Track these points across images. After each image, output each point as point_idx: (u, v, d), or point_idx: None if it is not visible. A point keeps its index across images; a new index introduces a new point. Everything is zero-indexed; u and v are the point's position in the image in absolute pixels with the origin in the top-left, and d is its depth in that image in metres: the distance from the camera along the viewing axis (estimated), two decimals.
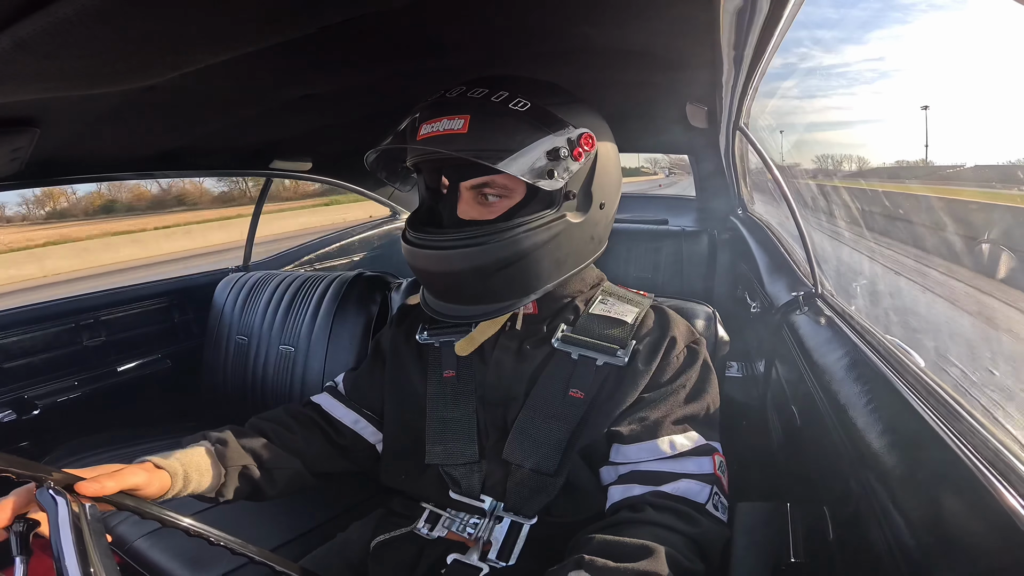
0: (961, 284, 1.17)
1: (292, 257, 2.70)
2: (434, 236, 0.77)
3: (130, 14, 0.59)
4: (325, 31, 0.83)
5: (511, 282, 0.77)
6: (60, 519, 0.55)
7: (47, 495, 0.57)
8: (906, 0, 1.61)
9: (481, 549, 0.77)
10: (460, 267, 0.75)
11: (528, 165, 0.72)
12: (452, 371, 0.88)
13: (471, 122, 0.72)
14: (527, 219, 0.75)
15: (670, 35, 1.04)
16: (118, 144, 1.40)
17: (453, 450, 0.83)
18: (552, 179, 0.73)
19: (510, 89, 0.75)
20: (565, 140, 0.74)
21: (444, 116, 0.74)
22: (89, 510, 0.59)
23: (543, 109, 0.75)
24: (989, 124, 1.03)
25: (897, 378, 0.72)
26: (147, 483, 0.69)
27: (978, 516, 0.46)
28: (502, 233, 0.74)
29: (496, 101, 0.74)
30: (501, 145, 0.71)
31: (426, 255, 0.77)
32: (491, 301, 0.79)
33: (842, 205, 1.58)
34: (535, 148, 0.72)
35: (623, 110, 1.78)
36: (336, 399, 0.97)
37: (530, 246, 0.75)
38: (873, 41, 2.44)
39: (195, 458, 0.77)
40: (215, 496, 0.80)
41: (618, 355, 0.80)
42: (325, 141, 1.88)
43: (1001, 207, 1.03)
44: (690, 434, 0.75)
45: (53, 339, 1.76)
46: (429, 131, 0.74)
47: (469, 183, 0.78)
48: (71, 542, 0.54)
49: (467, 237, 0.74)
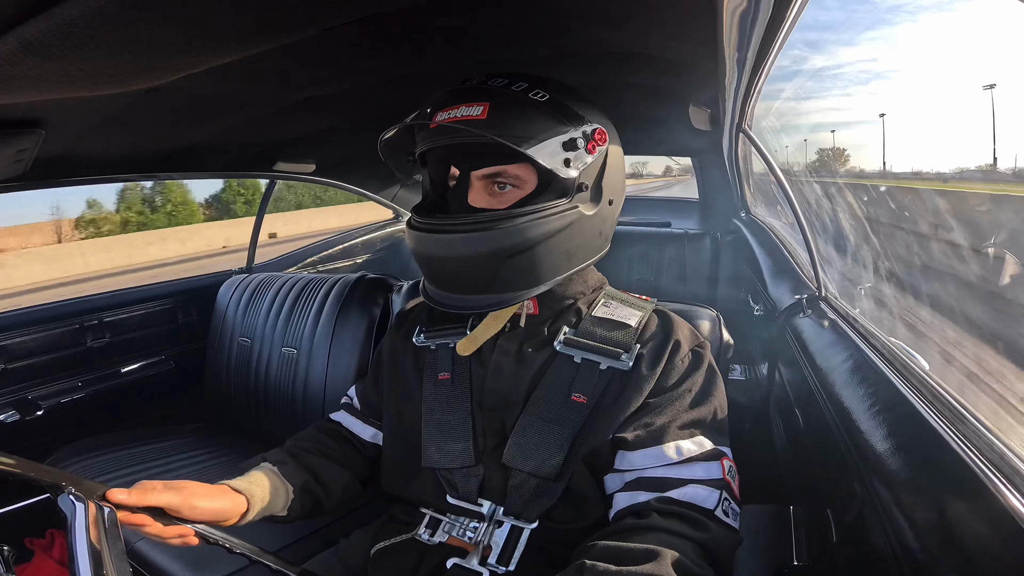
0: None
1: (295, 260, 2.71)
2: (444, 221, 0.75)
3: (135, 16, 0.60)
4: (328, 33, 0.84)
5: (520, 271, 0.75)
6: (78, 524, 0.57)
7: (68, 500, 0.59)
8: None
9: (481, 554, 0.76)
10: (472, 251, 0.73)
11: (546, 152, 0.71)
12: (447, 373, 0.86)
13: (491, 109, 0.71)
14: (541, 206, 0.74)
15: (672, 37, 1.04)
16: (123, 145, 1.41)
17: (448, 453, 0.82)
18: (568, 168, 0.73)
19: (529, 81, 0.75)
20: (581, 132, 0.74)
21: (462, 103, 0.73)
22: (108, 516, 0.60)
23: (561, 102, 0.75)
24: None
25: (901, 381, 0.72)
26: (232, 510, 0.74)
27: (982, 519, 0.46)
28: (515, 219, 0.72)
29: (516, 90, 0.74)
30: (521, 132, 0.71)
31: (435, 240, 0.75)
32: (499, 291, 0.76)
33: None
34: (554, 137, 0.72)
35: (626, 113, 1.78)
36: (353, 416, 0.98)
37: (542, 234, 0.73)
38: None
39: (264, 480, 0.80)
40: (286, 514, 0.82)
41: (622, 359, 0.79)
42: (329, 143, 1.89)
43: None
44: (697, 439, 0.73)
45: (57, 340, 1.77)
46: (445, 118, 0.73)
47: (481, 172, 0.77)
48: (86, 547, 0.55)
49: (480, 221, 0.73)
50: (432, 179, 0.85)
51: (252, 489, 0.77)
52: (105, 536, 0.57)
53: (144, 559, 1.14)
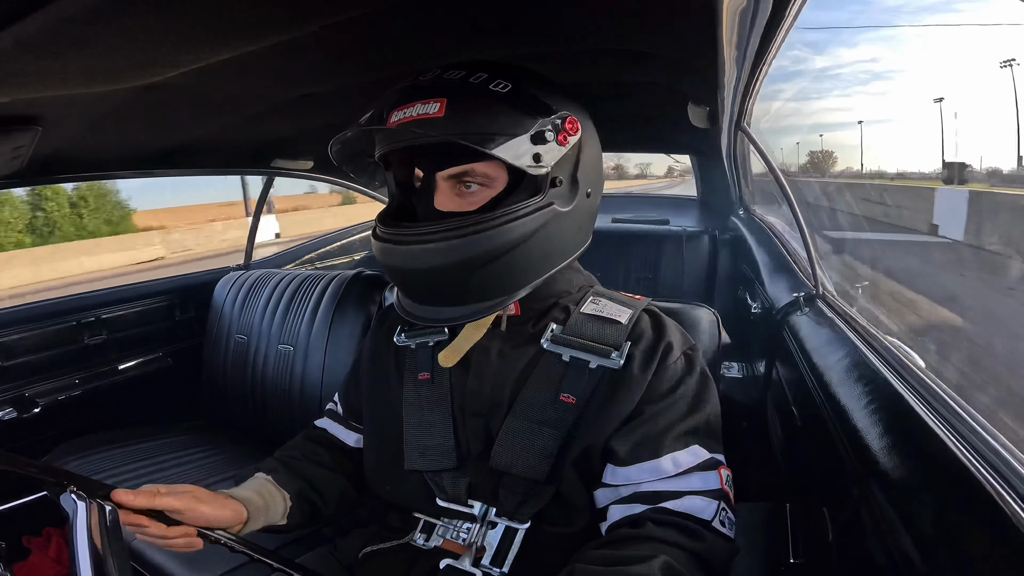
0: None
1: (292, 256, 2.71)
2: (410, 230, 0.69)
3: (131, 13, 0.59)
4: (326, 30, 0.83)
5: (497, 278, 0.70)
6: (79, 523, 0.57)
7: (70, 499, 0.59)
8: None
9: (474, 555, 0.74)
10: (442, 262, 0.67)
11: (513, 149, 0.66)
12: (427, 373, 0.82)
13: (448, 105, 0.66)
14: (513, 208, 0.68)
15: (671, 34, 1.04)
16: (120, 142, 1.40)
17: (431, 455, 0.78)
18: (538, 164, 0.68)
19: (489, 71, 0.69)
20: (550, 123, 0.68)
21: (417, 101, 0.67)
22: (109, 515, 0.60)
23: (525, 91, 0.69)
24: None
25: (897, 379, 0.72)
26: (233, 518, 0.73)
27: (978, 517, 0.46)
28: (487, 223, 0.66)
29: (475, 83, 0.68)
30: (482, 128, 0.65)
31: (403, 252, 0.69)
32: (475, 300, 0.72)
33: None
34: (519, 131, 0.66)
35: (625, 111, 1.77)
36: (337, 422, 0.95)
37: (518, 237, 0.68)
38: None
39: (261, 490, 0.79)
40: (286, 523, 0.81)
41: (612, 357, 0.74)
42: (327, 140, 1.87)
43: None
44: (693, 448, 0.70)
45: (54, 337, 1.76)
46: (400, 118, 0.68)
47: (446, 173, 0.72)
48: (87, 545, 0.56)
49: (448, 229, 0.67)
50: (397, 181, 0.80)
51: (251, 498, 0.76)
52: (107, 535, 0.57)
53: (142, 557, 1.14)
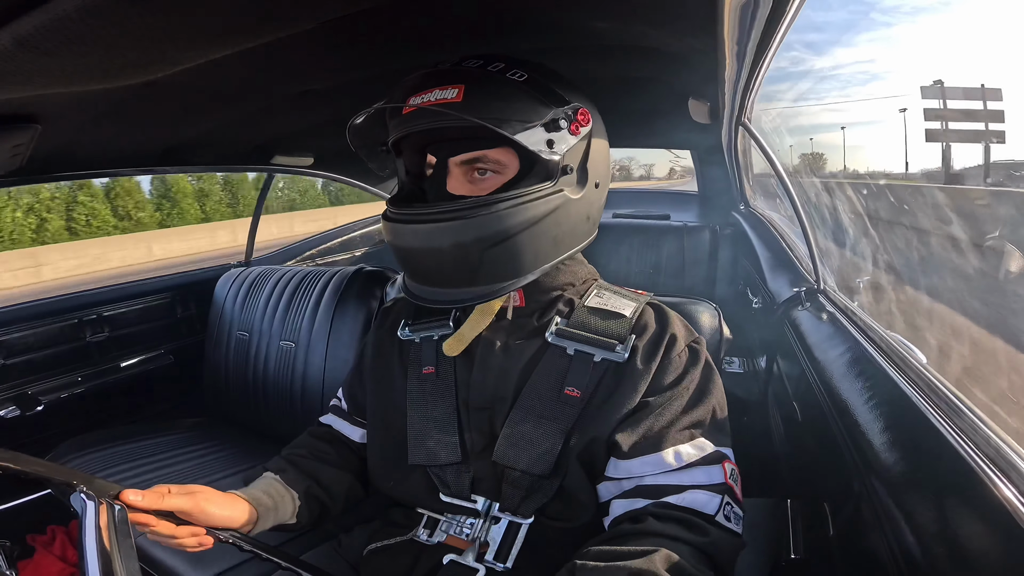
0: None
1: (293, 253, 2.71)
2: (421, 210, 0.70)
3: (129, 10, 0.59)
4: (325, 26, 0.83)
5: (505, 260, 0.71)
6: (88, 522, 0.58)
7: (79, 498, 0.60)
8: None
9: (478, 550, 0.74)
10: (451, 242, 0.68)
11: (529, 135, 0.68)
12: (431, 367, 0.83)
13: (466, 91, 0.67)
14: (525, 191, 0.69)
15: (672, 30, 1.03)
16: (119, 140, 1.40)
17: (436, 450, 0.78)
18: (551, 151, 0.69)
19: (505, 62, 0.72)
20: (563, 113, 0.70)
21: (436, 86, 0.69)
22: (118, 515, 0.60)
23: (540, 81, 0.71)
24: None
25: (898, 374, 0.72)
26: (242, 518, 0.73)
27: (978, 513, 0.46)
28: (498, 204, 0.68)
29: (493, 71, 0.70)
30: (500, 114, 0.67)
31: (413, 230, 0.70)
32: (484, 282, 0.72)
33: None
34: (534, 118, 0.68)
35: (626, 106, 1.77)
36: (342, 418, 0.95)
37: (527, 219, 0.69)
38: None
39: (270, 489, 0.79)
40: (295, 522, 0.81)
41: (617, 350, 0.74)
42: (326, 136, 1.87)
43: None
44: (697, 441, 0.70)
45: (56, 335, 1.77)
46: (419, 102, 0.69)
47: (459, 158, 0.73)
48: (95, 546, 0.56)
49: (460, 208, 0.68)
50: (408, 168, 0.81)
51: (260, 498, 0.76)
52: (116, 535, 0.58)
53: (145, 554, 1.14)
